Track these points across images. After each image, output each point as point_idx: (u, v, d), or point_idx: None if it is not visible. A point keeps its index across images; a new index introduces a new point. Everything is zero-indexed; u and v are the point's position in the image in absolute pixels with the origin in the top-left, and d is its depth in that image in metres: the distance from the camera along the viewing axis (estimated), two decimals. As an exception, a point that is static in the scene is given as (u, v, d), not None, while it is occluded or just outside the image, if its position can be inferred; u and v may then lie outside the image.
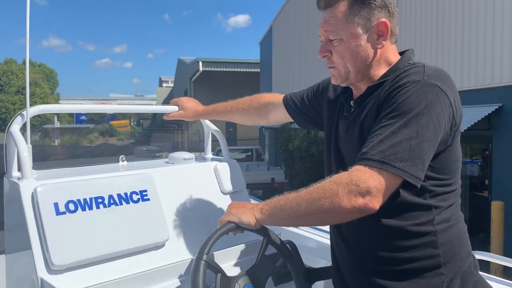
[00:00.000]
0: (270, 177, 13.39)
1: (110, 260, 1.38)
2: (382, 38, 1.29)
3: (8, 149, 1.50)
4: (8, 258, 1.57)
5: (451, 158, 1.26)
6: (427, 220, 1.21)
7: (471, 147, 9.07)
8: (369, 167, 1.11)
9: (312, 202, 1.14)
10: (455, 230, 1.26)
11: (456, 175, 1.30)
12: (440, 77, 1.19)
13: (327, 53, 1.33)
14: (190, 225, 1.60)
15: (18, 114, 1.49)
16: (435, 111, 1.14)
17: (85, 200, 1.38)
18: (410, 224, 1.20)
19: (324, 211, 1.12)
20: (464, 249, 1.27)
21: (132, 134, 43.87)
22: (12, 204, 1.43)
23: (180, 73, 36.61)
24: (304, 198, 1.17)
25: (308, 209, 1.15)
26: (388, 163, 1.09)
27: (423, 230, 1.21)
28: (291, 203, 1.19)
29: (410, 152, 1.10)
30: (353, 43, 1.28)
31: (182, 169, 1.73)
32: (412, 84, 1.16)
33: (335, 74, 1.36)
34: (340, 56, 1.31)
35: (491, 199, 7.54)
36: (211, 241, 1.22)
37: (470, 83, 7.94)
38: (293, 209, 1.18)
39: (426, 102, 1.13)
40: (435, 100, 1.14)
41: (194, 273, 1.16)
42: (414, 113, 1.12)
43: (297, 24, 17.04)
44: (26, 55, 1.46)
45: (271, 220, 1.26)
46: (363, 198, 1.08)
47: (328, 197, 1.11)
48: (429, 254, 1.20)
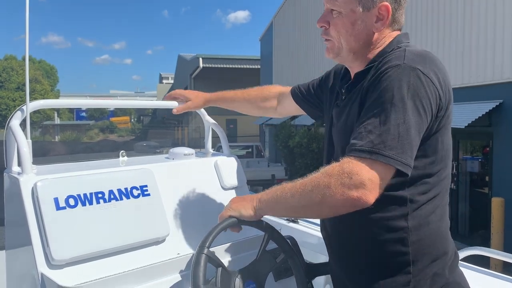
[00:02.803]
0: (271, 173, 13.41)
1: (110, 255, 1.38)
2: (381, 23, 1.26)
3: (8, 144, 1.50)
4: (8, 253, 1.57)
5: (437, 146, 1.21)
6: (401, 214, 1.18)
7: (472, 143, 9.05)
8: (360, 158, 1.07)
9: (305, 194, 1.12)
10: (432, 228, 1.21)
11: (441, 164, 1.23)
12: (422, 60, 1.15)
13: (325, 23, 1.31)
14: (190, 220, 1.60)
15: (18, 109, 1.48)
16: (418, 95, 1.10)
17: (85, 195, 1.38)
18: (382, 218, 1.18)
19: (317, 204, 1.10)
20: (440, 249, 1.22)
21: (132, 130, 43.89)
22: (12, 199, 1.43)
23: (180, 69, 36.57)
24: (298, 189, 1.14)
25: (302, 201, 1.13)
26: (378, 152, 1.06)
27: (394, 225, 1.18)
28: (286, 194, 1.17)
29: (399, 139, 1.07)
30: (350, 19, 1.26)
31: (182, 165, 1.73)
32: (393, 69, 1.13)
33: (329, 47, 1.34)
34: (336, 29, 1.29)
35: (491, 196, 7.55)
36: (212, 235, 1.22)
37: (470, 79, 7.93)
38: (288, 200, 1.16)
39: (408, 86, 1.10)
40: (418, 84, 1.11)
41: (194, 267, 1.16)
42: (398, 99, 1.09)
43: (297, 20, 17.01)
44: (26, 50, 1.46)
45: (269, 211, 1.25)
46: (357, 191, 1.05)
47: (320, 190, 1.09)
48: (398, 251, 1.17)
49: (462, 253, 1.90)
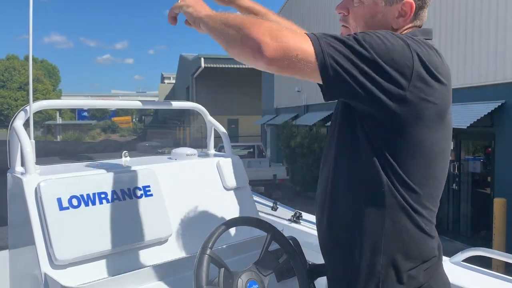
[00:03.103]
0: (272, 173, 13.39)
1: (113, 255, 1.38)
2: (403, 19, 1.21)
3: (11, 145, 1.51)
4: (12, 253, 1.57)
5: (415, 152, 1.10)
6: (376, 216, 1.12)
7: (474, 144, 9.04)
8: (304, 34, 1.05)
9: (234, 18, 1.12)
10: (408, 231, 1.13)
11: (425, 181, 1.13)
12: (414, 42, 1.08)
13: (344, 10, 1.26)
14: (192, 221, 1.60)
15: (21, 110, 1.49)
16: (390, 42, 1.03)
17: (88, 195, 1.39)
18: (362, 201, 1.14)
19: (238, 25, 1.07)
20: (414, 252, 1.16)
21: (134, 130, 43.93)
22: (16, 200, 1.43)
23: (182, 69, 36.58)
24: (236, 15, 1.14)
25: (233, 19, 1.11)
26: (317, 37, 1.03)
27: (371, 219, 1.13)
28: (225, 14, 1.16)
29: (340, 52, 1.01)
30: (371, 10, 1.20)
31: (184, 165, 1.74)
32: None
33: (345, 34, 1.23)
34: (354, 18, 1.24)
35: (494, 196, 7.53)
36: (214, 236, 1.22)
37: (473, 79, 7.91)
38: (223, 18, 1.15)
39: (384, 36, 1.04)
40: (395, 39, 1.04)
41: (197, 267, 1.16)
42: (369, 36, 1.04)
43: (299, 20, 16.98)
44: (29, 49, 1.47)
45: (205, 19, 1.23)
46: (270, 38, 1.00)
47: (254, 22, 1.06)
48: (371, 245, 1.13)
49: (463, 254, 1.89)
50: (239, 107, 28.30)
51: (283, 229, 1.46)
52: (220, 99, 27.05)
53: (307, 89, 16.30)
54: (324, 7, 14.73)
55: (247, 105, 27.87)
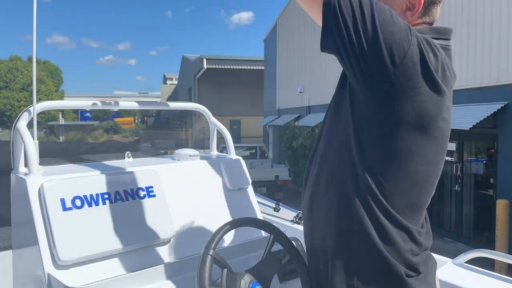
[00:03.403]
0: (274, 174, 13.38)
1: (116, 256, 1.39)
2: (410, 13, 1.16)
3: (15, 145, 1.51)
4: (15, 253, 1.58)
5: (386, 148, 1.07)
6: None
7: (476, 145, 9.02)
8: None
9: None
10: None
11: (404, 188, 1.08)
12: (421, 37, 1.03)
13: None
14: (195, 221, 1.61)
15: (25, 110, 1.49)
16: (396, 16, 1.00)
17: (92, 196, 1.39)
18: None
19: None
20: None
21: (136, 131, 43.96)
22: (19, 200, 1.44)
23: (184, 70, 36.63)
24: None
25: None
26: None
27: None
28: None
29: None
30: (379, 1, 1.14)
31: (187, 166, 1.74)
32: None
33: None
34: None
35: (496, 198, 7.51)
36: (217, 236, 1.22)
37: (476, 81, 7.90)
38: None
39: (396, 14, 1.01)
40: (400, 21, 1.01)
41: (200, 268, 1.16)
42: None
43: (301, 21, 16.99)
44: (33, 50, 1.47)
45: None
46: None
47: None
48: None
49: (466, 255, 1.89)
50: (241, 108, 28.32)
51: (285, 230, 1.46)
52: (222, 100, 27.08)
53: (309, 90, 16.30)
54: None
55: (249, 106, 27.88)
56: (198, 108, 1.99)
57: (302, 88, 16.89)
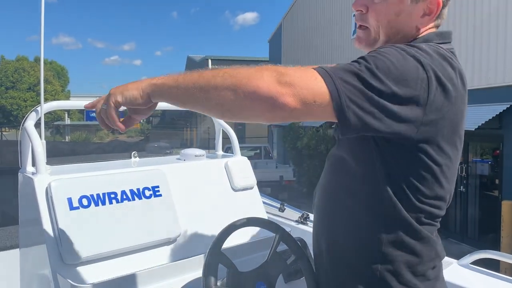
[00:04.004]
0: (279, 174, 13.38)
1: (122, 255, 1.40)
2: (428, 18, 1.12)
3: (22, 145, 1.53)
4: (22, 252, 1.59)
5: (430, 166, 1.03)
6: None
7: (482, 146, 8.98)
8: (313, 71, 0.95)
9: (222, 76, 0.96)
10: None
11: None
12: (429, 57, 0.99)
13: (362, 8, 1.15)
14: (201, 221, 1.61)
15: (32, 110, 1.51)
16: (402, 65, 0.95)
17: (98, 195, 1.40)
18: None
19: (231, 88, 0.93)
20: None
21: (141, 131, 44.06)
22: (27, 199, 1.45)
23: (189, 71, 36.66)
24: (214, 71, 0.98)
25: (212, 82, 0.95)
26: (331, 77, 0.93)
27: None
28: (194, 75, 1.01)
29: (360, 91, 0.93)
30: (396, 8, 1.11)
31: (193, 166, 1.75)
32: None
33: (362, 36, 1.18)
34: (376, 17, 1.13)
35: (502, 199, 7.48)
36: (223, 236, 1.23)
37: (481, 81, 7.87)
38: (194, 79, 0.99)
39: (399, 54, 0.96)
40: (408, 59, 0.96)
41: (206, 267, 1.17)
42: (382, 51, 0.97)
43: (306, 21, 16.99)
44: (41, 51, 1.49)
45: (164, 91, 1.04)
46: (281, 89, 0.90)
47: (243, 76, 0.94)
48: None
49: (471, 256, 1.89)
50: (246, 108, 28.30)
51: (290, 230, 1.47)
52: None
53: (314, 91, 16.28)
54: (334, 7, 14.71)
55: (254, 106, 27.86)
56: None
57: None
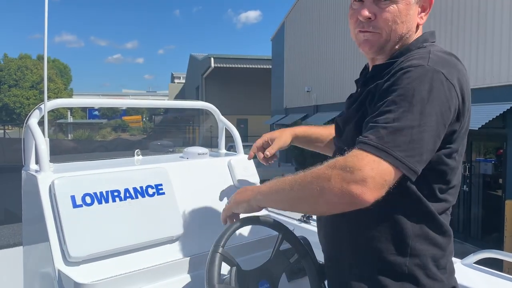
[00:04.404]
0: (281, 173, 13.34)
1: (125, 253, 1.40)
2: (424, 14, 1.24)
3: (26, 143, 1.53)
4: (26, 249, 1.59)
5: (450, 163, 1.15)
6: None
7: (485, 145, 8.95)
8: (366, 153, 1.01)
9: (304, 186, 1.06)
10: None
11: (451, 186, 1.19)
12: (446, 64, 1.10)
13: (371, 15, 1.20)
14: (204, 220, 1.61)
15: (36, 108, 1.51)
16: (439, 100, 1.04)
17: (102, 193, 1.40)
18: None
19: (314, 197, 1.04)
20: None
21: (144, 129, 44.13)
22: (30, 197, 1.45)
23: (192, 69, 36.71)
24: (298, 181, 1.09)
25: (299, 193, 1.08)
26: (385, 150, 1.00)
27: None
28: (286, 185, 1.12)
29: (410, 141, 1.01)
30: (404, 9, 1.19)
31: (196, 164, 1.75)
32: (415, 69, 1.07)
33: (373, 40, 1.22)
34: (389, 19, 1.18)
35: (505, 198, 7.46)
36: (226, 234, 1.23)
37: (485, 80, 7.84)
38: (286, 191, 1.11)
39: (430, 89, 1.04)
40: (440, 88, 1.05)
41: (209, 265, 1.17)
42: (417, 100, 1.03)
43: (310, 20, 16.96)
44: (44, 49, 1.48)
45: (268, 203, 1.22)
46: (357, 187, 0.97)
47: (320, 182, 1.02)
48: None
49: (475, 256, 1.88)
50: (248, 107, 28.34)
51: (294, 229, 1.47)
52: (229, 99, 27.11)
53: (317, 89, 16.27)
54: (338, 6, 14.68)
55: (256, 104, 27.90)
56: (207, 106, 2.00)
57: (309, 87, 16.86)
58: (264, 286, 1.29)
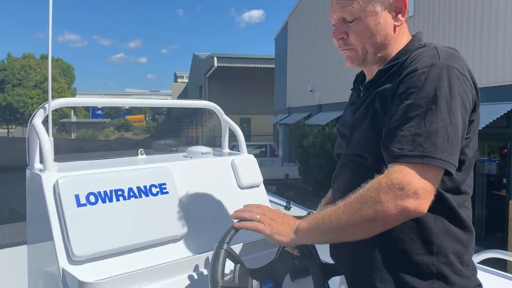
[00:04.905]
0: (284, 173, 13.38)
1: (129, 252, 1.40)
2: (401, 14, 1.24)
3: (30, 142, 1.53)
4: (30, 248, 1.60)
5: (468, 154, 1.17)
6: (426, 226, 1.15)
7: (489, 145, 8.92)
8: (410, 165, 1.02)
9: (353, 212, 1.06)
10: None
11: (466, 171, 1.19)
12: (456, 58, 1.13)
13: (343, 35, 1.25)
14: (207, 219, 1.61)
15: (40, 107, 1.51)
16: (459, 94, 1.07)
17: (106, 192, 1.40)
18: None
19: (368, 220, 1.04)
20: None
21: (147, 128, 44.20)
22: (34, 196, 1.46)
23: (195, 68, 36.72)
24: (344, 210, 1.08)
25: (350, 220, 1.06)
26: (430, 156, 1.01)
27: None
28: (330, 216, 1.11)
29: (448, 140, 1.03)
30: (372, 21, 1.21)
31: (200, 163, 1.75)
32: (430, 69, 1.08)
33: (351, 55, 1.28)
34: (358, 36, 1.23)
35: (509, 198, 7.42)
36: (232, 232, 1.23)
37: (489, 80, 7.81)
38: (333, 222, 1.10)
39: (449, 85, 1.06)
40: (457, 83, 1.08)
41: (213, 261, 1.17)
42: (442, 99, 1.04)
43: (313, 19, 16.94)
44: (49, 47, 1.49)
45: (308, 239, 1.19)
46: (411, 201, 1.00)
47: (370, 205, 1.03)
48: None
49: (479, 256, 1.88)
50: (251, 106, 28.33)
51: None
52: (232, 98, 27.10)
53: (320, 89, 16.25)
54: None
55: (259, 104, 27.89)
56: (210, 106, 2.00)
57: (312, 86, 16.84)
58: (267, 286, 1.29)
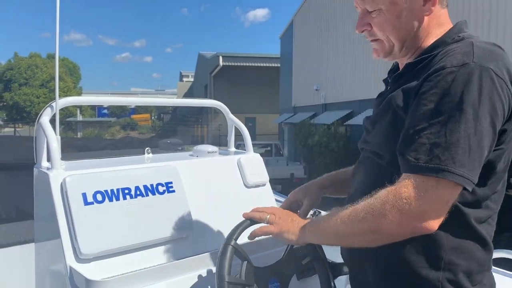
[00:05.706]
0: (290, 172, 13.38)
1: (136, 250, 1.40)
2: (430, 3, 1.11)
3: (37, 140, 1.54)
4: (37, 246, 1.60)
5: (498, 167, 1.04)
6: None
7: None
8: (423, 178, 0.94)
9: (358, 222, 1.01)
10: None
11: (495, 184, 1.08)
12: (493, 57, 0.99)
13: (366, 26, 1.17)
14: (214, 218, 1.61)
15: (47, 106, 1.52)
16: (491, 100, 0.94)
17: (112, 190, 1.41)
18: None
19: (372, 232, 1.00)
20: None
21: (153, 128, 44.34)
22: (42, 194, 1.46)
23: (200, 67, 36.79)
24: (349, 217, 1.04)
25: (354, 228, 1.03)
26: (446, 169, 0.92)
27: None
28: (335, 221, 1.07)
29: (470, 153, 0.92)
30: (394, 13, 1.11)
31: (206, 162, 1.75)
32: (461, 69, 0.96)
33: (378, 48, 1.20)
34: (380, 29, 1.15)
35: (516, 198, 7.37)
36: (239, 229, 1.23)
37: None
38: (338, 228, 1.06)
39: (479, 89, 0.94)
40: (491, 87, 0.95)
41: (221, 257, 1.16)
42: (468, 105, 0.93)
43: (319, 18, 16.91)
44: (56, 47, 1.49)
45: (315, 239, 1.18)
46: (418, 220, 0.93)
47: (375, 217, 0.97)
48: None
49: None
50: (256, 105, 28.35)
51: None
52: (238, 97, 27.11)
53: (325, 88, 16.22)
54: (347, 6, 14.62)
55: (265, 103, 27.90)
56: (216, 104, 2.00)
57: (318, 85, 16.81)
58: (274, 285, 1.29)
